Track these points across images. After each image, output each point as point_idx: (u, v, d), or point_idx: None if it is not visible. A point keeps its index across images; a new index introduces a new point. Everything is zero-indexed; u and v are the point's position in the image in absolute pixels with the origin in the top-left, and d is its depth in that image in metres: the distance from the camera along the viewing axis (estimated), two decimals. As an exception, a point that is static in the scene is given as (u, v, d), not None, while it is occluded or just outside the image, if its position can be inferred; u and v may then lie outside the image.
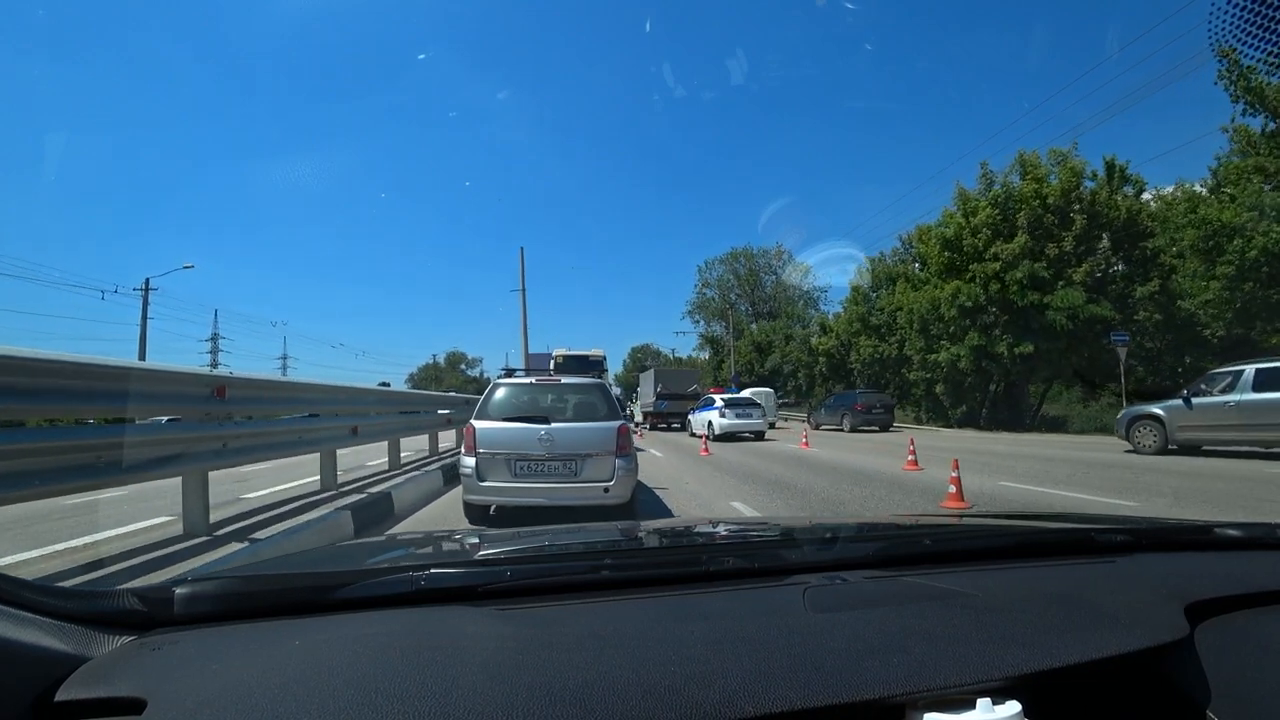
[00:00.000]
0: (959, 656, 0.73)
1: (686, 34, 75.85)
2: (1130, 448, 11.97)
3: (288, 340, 69.80)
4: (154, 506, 6.14)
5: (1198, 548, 1.28)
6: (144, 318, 32.62)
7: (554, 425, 5.69)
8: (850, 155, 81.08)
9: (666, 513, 6.70)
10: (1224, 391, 10.69)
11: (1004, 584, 1.02)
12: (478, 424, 5.73)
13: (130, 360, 4.82)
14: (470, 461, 5.60)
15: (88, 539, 5.00)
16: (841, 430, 23.22)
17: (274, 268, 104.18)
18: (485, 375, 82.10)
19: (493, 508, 5.88)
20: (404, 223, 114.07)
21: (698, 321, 57.05)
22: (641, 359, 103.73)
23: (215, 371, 6.68)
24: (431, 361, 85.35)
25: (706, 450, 14.68)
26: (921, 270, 29.71)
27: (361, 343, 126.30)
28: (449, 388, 69.58)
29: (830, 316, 38.87)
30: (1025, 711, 0.67)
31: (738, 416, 19.22)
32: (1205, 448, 11.27)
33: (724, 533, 1.76)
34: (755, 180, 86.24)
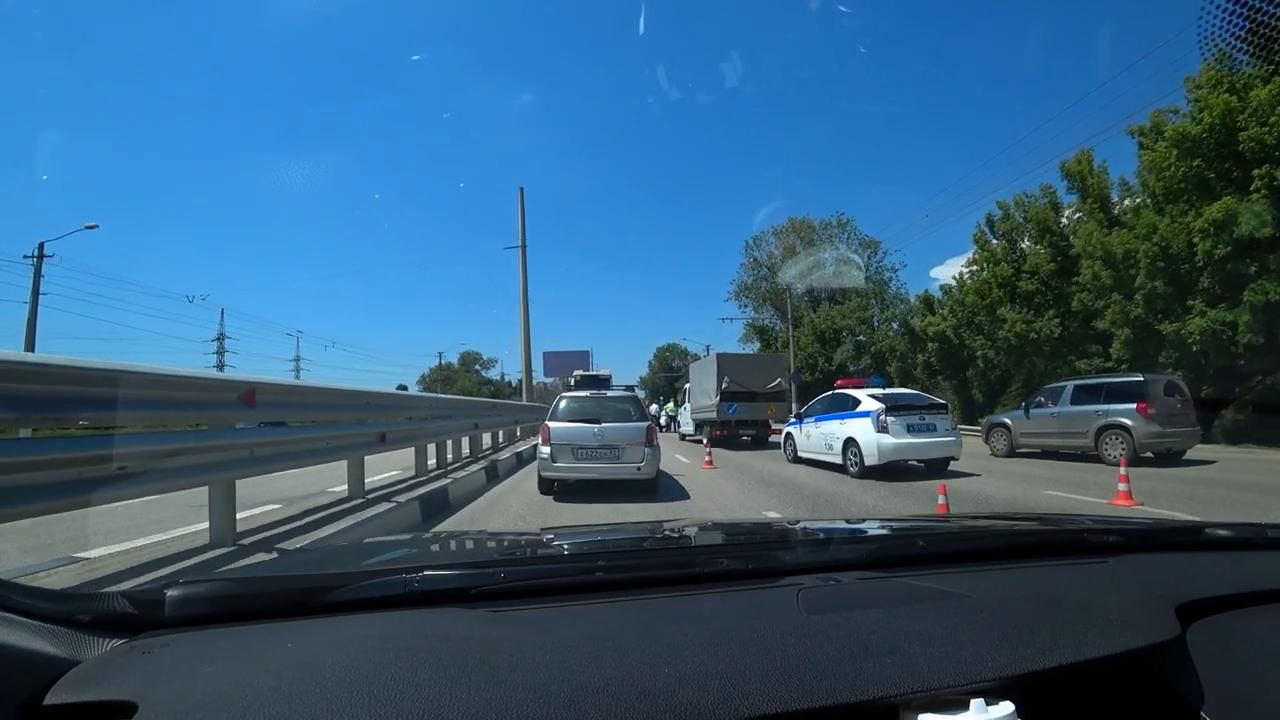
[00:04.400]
0: (952, 657, 0.72)
1: (680, 37, 76.82)
2: (990, 451, 13.84)
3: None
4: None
5: (1189, 548, 1.28)
6: (35, 291, 24.63)
7: (603, 425, 8.17)
8: (849, 158, 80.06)
9: (682, 492, 8.68)
10: (1052, 404, 12.64)
11: (996, 585, 1.02)
12: (551, 424, 8.29)
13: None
14: (546, 449, 8.14)
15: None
16: None
17: (284, 269, 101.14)
18: (505, 377, 77.18)
19: (554, 484, 8.33)
20: (404, 225, 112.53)
21: (744, 306, 47.68)
22: (669, 359, 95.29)
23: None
24: (440, 362, 77.15)
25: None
26: (1096, 211, 20.35)
27: (370, 344, 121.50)
28: (461, 390, 62.58)
29: (938, 292, 29.34)
30: (1019, 712, 0.67)
31: (912, 431, 9.98)
32: (1060, 451, 12.51)
33: (718, 534, 1.78)
34: (754, 182, 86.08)
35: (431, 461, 9.33)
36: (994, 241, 24.81)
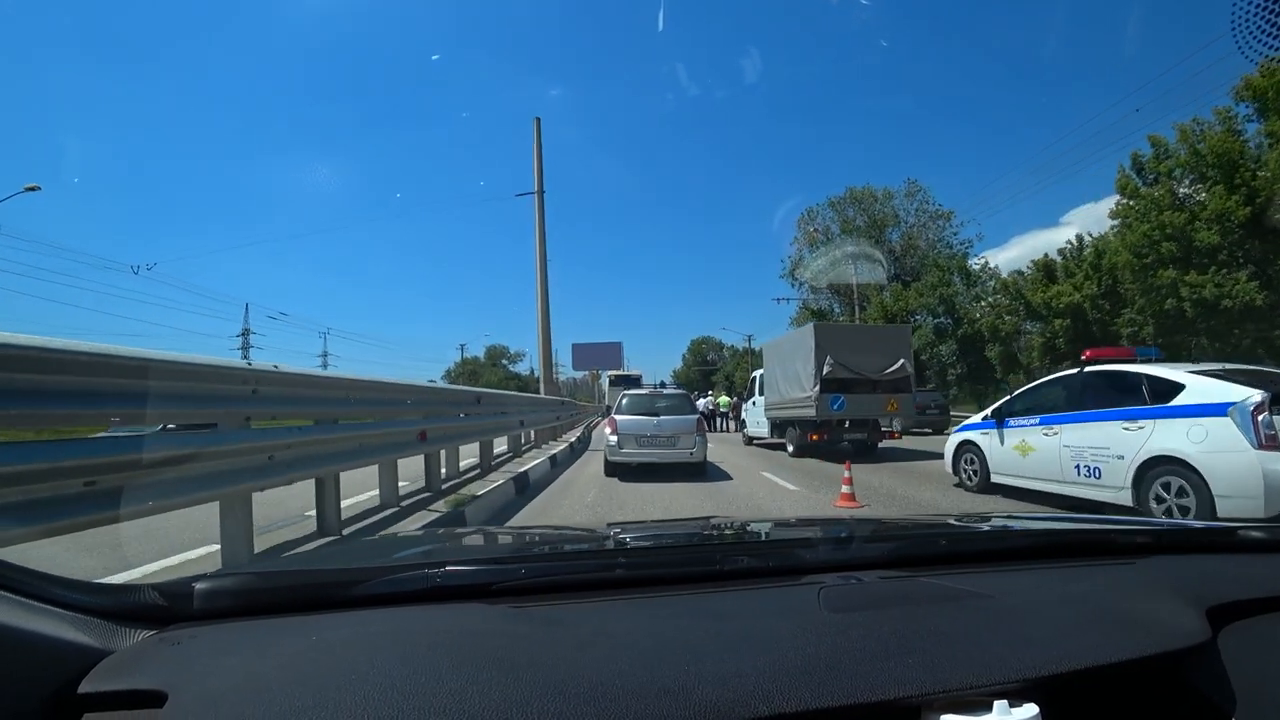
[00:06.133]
0: (975, 658, 0.72)
1: (700, 34, 76.17)
2: None
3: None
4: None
5: (1220, 550, 1.24)
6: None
7: (660, 417, 9.67)
8: (868, 154, 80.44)
9: (725, 476, 9.79)
10: None
11: (1021, 585, 1.01)
12: (617, 417, 9.71)
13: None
14: (614, 438, 9.49)
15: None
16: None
17: (316, 268, 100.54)
18: (534, 372, 73.20)
19: (618, 468, 9.56)
20: (427, 224, 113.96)
21: (799, 284, 42.04)
22: (704, 351, 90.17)
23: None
24: (463, 356, 73.08)
25: None
26: None
27: (395, 338, 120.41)
28: (488, 384, 58.54)
29: (1055, 256, 23.50)
30: (1043, 715, 0.65)
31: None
32: None
33: (739, 532, 1.74)
34: (771, 177, 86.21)
35: (307, 516, 4.40)
36: (1145, 188, 19.12)
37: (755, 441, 16.61)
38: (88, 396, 2.50)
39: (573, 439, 16.30)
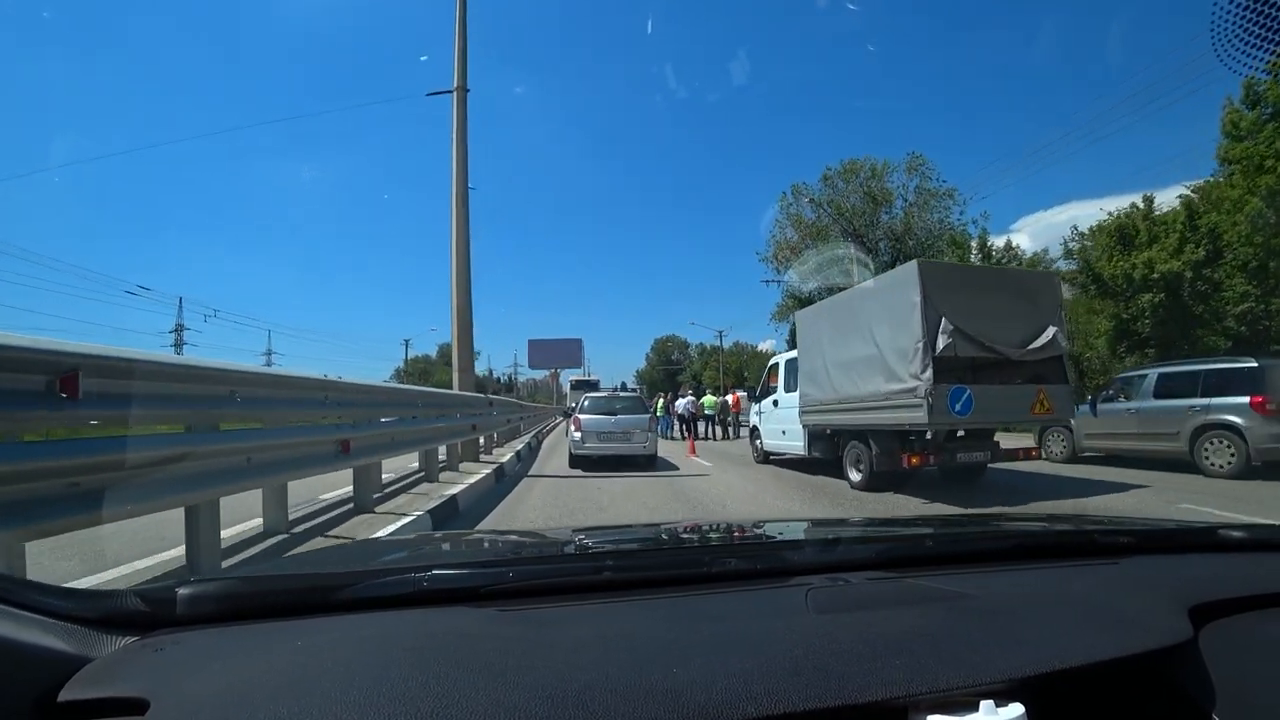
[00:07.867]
0: (962, 658, 0.72)
1: (689, 37, 70.41)
2: (1044, 455, 10.95)
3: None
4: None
5: (1202, 549, 1.26)
6: None
7: (618, 416, 11.21)
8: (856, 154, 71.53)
9: (671, 468, 10.74)
10: (1127, 398, 10.22)
11: (1006, 585, 1.01)
12: (581, 416, 11.29)
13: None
14: (578, 434, 11.01)
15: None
16: None
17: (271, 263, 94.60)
18: (490, 371, 69.50)
19: (582, 460, 10.79)
20: (406, 216, 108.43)
21: (780, 270, 37.01)
22: (668, 351, 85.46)
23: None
24: (408, 354, 66.35)
25: None
26: None
27: (348, 333, 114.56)
28: (439, 384, 52.14)
29: (1133, 209, 18.81)
30: (1029, 714, 0.65)
31: None
32: (1142, 457, 9.76)
33: (727, 534, 1.71)
34: (758, 180, 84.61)
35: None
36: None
37: (775, 459, 11.46)
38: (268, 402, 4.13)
39: (505, 458, 10.86)
